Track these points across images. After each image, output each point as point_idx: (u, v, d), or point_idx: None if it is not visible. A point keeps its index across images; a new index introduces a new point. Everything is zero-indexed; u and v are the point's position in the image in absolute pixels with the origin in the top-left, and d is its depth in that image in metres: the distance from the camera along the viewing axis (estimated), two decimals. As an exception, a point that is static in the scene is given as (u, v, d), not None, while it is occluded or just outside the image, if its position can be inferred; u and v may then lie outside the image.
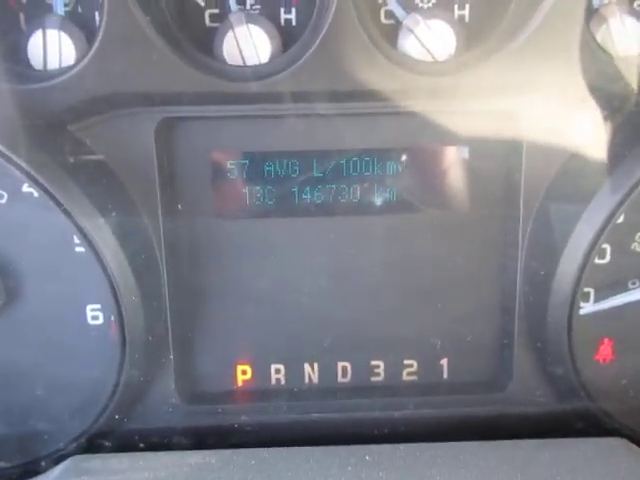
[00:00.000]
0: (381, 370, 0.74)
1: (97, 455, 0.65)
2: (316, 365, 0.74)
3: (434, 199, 0.70)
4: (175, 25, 0.62)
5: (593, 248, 0.63)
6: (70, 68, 0.60)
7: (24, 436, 0.70)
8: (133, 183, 0.66)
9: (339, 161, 0.68)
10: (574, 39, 0.61)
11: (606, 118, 0.65)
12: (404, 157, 0.68)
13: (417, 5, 0.65)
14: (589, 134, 0.66)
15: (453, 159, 0.69)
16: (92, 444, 0.68)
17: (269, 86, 0.61)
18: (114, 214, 0.64)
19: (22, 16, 0.64)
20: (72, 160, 0.63)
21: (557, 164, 0.67)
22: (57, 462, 0.65)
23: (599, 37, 0.63)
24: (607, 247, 0.69)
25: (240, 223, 0.69)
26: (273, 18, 0.64)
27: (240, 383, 0.74)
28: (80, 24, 0.63)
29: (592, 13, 0.64)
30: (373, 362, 0.74)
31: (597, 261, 0.67)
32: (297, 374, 0.74)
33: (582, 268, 0.64)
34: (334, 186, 0.68)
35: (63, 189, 0.61)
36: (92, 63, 0.59)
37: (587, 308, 0.69)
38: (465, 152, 0.69)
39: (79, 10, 0.64)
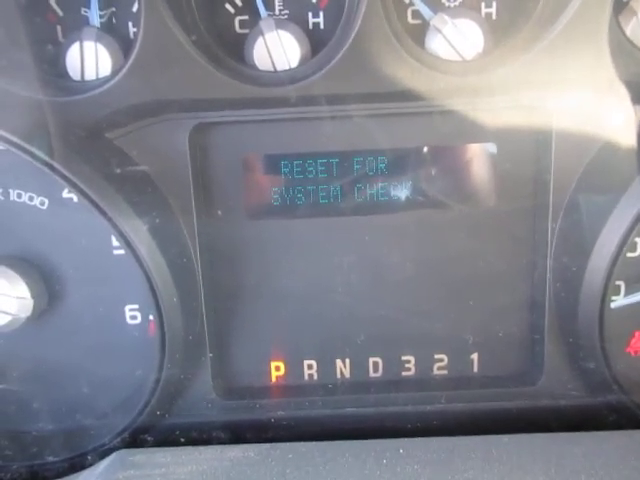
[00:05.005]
0: (412, 365, 0.75)
1: (141, 449, 0.67)
2: (348, 361, 0.75)
3: (465, 196, 0.70)
4: (207, 33, 0.64)
5: (625, 242, 0.63)
6: (108, 79, 0.62)
7: (71, 432, 0.73)
8: (168, 187, 0.68)
9: (369, 160, 0.69)
10: (603, 34, 0.61)
11: (636, 111, 0.65)
12: (434, 155, 0.69)
13: (444, 4, 0.66)
14: (619, 128, 0.66)
15: (482, 156, 0.69)
16: (135, 439, 0.71)
17: (301, 90, 0.62)
18: (151, 217, 0.66)
19: (59, 29, 0.66)
20: (110, 166, 0.65)
21: (586, 158, 0.67)
22: (102, 456, 0.68)
23: (628, 31, 0.63)
24: (638, 240, 0.69)
25: (272, 224, 0.71)
26: (301, 22, 0.65)
27: (274, 379, 0.76)
28: (114, 34, 0.65)
29: (622, 7, 0.64)
30: (404, 357, 0.75)
31: (628, 254, 0.67)
32: (329, 370, 0.75)
33: (614, 262, 0.63)
34: (364, 185, 0.69)
35: (103, 194, 0.63)
36: (129, 74, 0.61)
37: (618, 301, 0.69)
38: (494, 148, 0.69)
39: (113, 21, 0.66)
